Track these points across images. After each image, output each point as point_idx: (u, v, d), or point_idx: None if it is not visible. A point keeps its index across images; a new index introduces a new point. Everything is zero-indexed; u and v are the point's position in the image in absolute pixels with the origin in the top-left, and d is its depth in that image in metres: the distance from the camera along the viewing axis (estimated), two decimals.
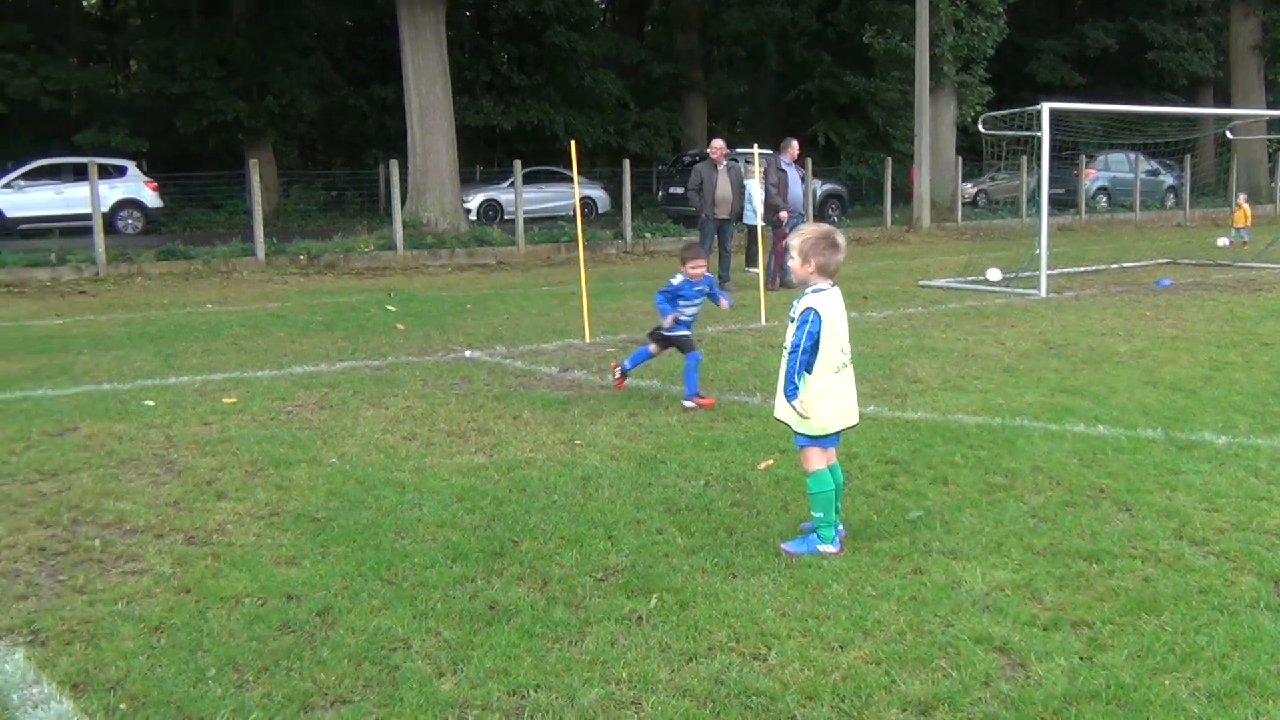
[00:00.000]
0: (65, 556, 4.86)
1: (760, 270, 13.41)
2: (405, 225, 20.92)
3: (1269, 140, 33.51)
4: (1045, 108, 14.76)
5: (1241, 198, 23.50)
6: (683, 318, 7.81)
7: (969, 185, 32.79)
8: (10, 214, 23.57)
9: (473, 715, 3.42)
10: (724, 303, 7.98)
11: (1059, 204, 27.10)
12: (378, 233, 21.42)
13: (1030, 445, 6.46)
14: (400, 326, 12.00)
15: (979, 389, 8.18)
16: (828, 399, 4.74)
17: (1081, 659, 3.74)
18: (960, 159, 30.05)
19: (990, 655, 3.77)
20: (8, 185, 24.11)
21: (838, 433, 4.87)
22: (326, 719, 3.40)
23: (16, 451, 6.64)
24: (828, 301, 4.75)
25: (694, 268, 7.63)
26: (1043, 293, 14.30)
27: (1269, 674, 3.61)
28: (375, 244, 20.41)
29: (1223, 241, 21.78)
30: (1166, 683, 3.56)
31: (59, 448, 6.72)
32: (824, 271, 4.78)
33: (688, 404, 7.65)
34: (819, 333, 4.69)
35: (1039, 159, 15.05)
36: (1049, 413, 7.31)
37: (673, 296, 7.70)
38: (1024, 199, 29.51)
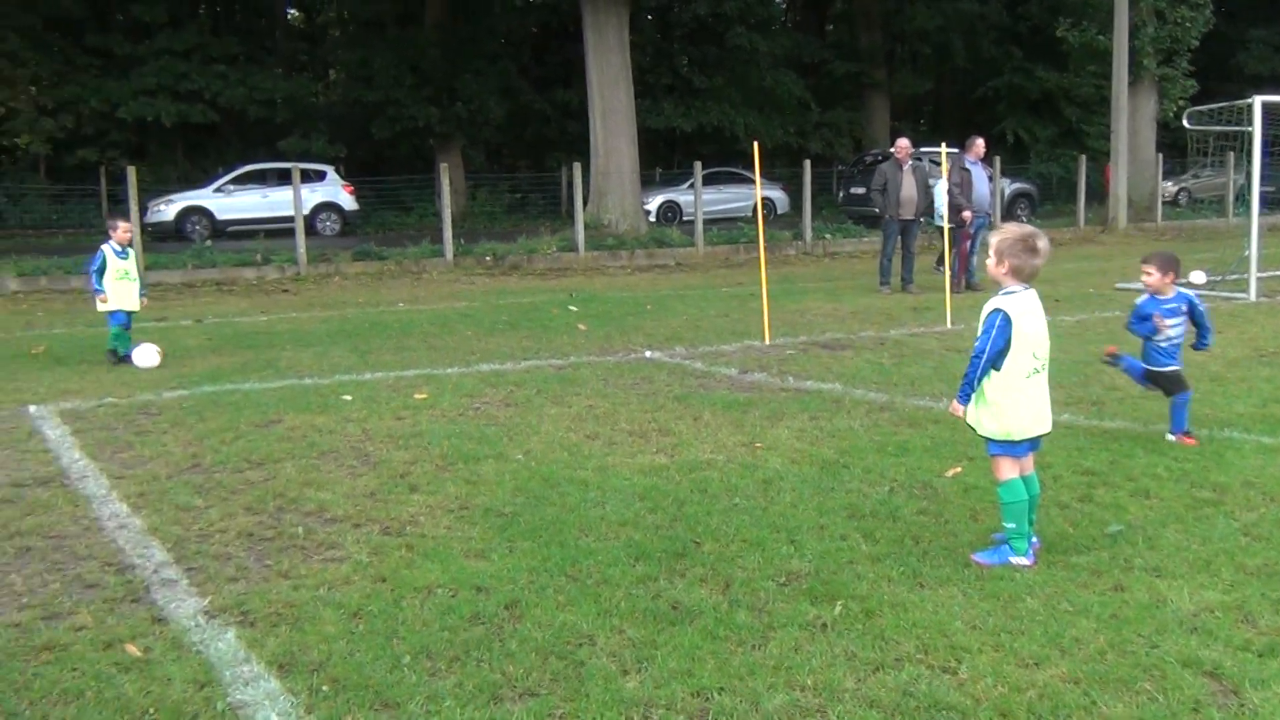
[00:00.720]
0: (271, 542, 5.12)
1: (946, 271, 13.07)
2: (587, 227, 21.26)
3: None
4: (1257, 101, 13.89)
5: None
6: (1165, 343, 6.51)
7: (1169, 183, 31.22)
8: (220, 217, 25.05)
9: (657, 715, 3.43)
10: (1207, 340, 6.66)
11: (1270, 202, 25.45)
12: (560, 234, 21.85)
13: (1241, 459, 6.08)
14: (581, 326, 12.20)
15: None
16: (1017, 404, 4.57)
17: None
18: (1160, 156, 28.60)
19: (1199, 680, 3.57)
20: (218, 190, 25.64)
21: (1034, 440, 4.69)
22: (515, 711, 3.47)
23: (227, 441, 7.03)
24: (1018, 304, 4.57)
25: (1145, 274, 6.48)
26: (1252, 296, 13.46)
27: None
28: (557, 245, 20.81)
29: None
30: None
31: (265, 438, 7.09)
32: (1018, 274, 4.60)
33: (1171, 437, 6.53)
34: (1009, 336, 4.52)
35: (1249, 155, 14.18)
36: (1262, 424, 6.88)
37: (1144, 318, 6.52)
38: (1230, 197, 27.87)
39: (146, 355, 9.99)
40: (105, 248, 10.30)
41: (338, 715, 3.45)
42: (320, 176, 26.34)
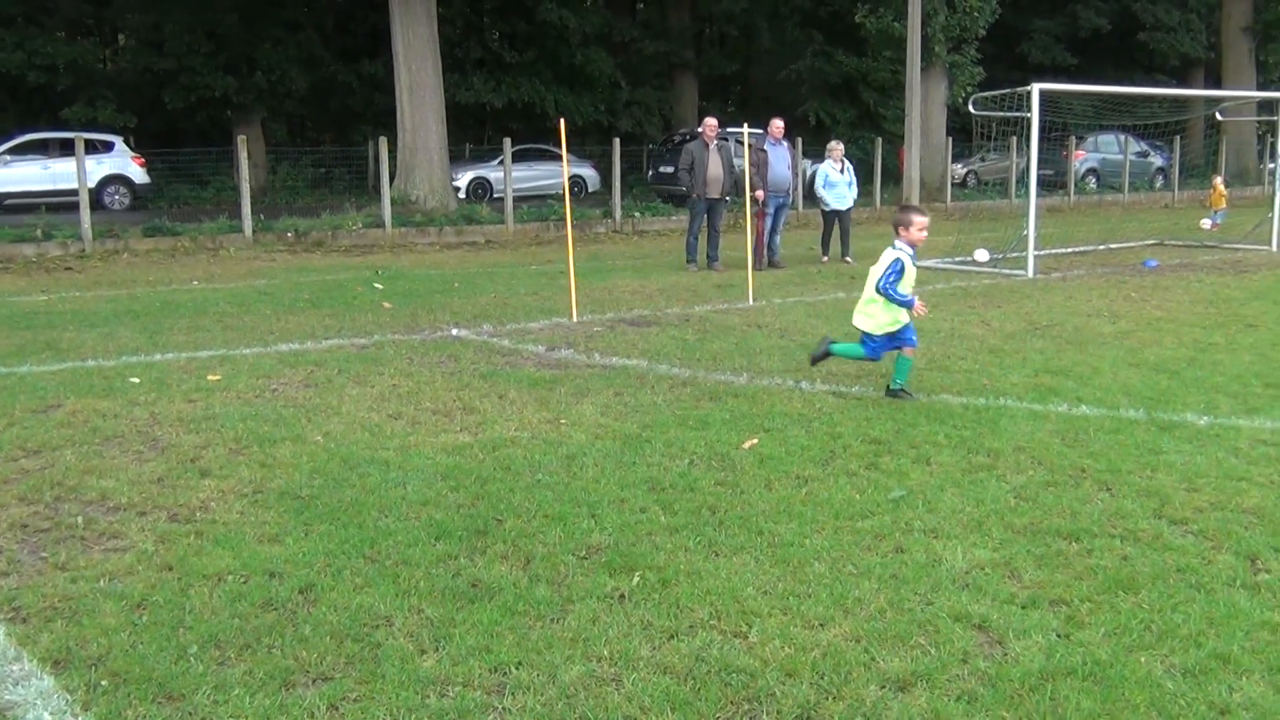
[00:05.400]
0: (47, 533, 4.85)
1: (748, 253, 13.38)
2: (394, 203, 20.83)
3: (1258, 122, 33.51)
4: (1035, 88, 14.75)
5: (1217, 180, 23.13)
6: None
7: (959, 166, 32.75)
8: None
9: (454, 692, 3.43)
10: None
11: (1048, 185, 27.07)
12: (366, 210, 21.32)
13: (1013, 425, 6.49)
14: (387, 305, 11.98)
15: (964, 369, 8.21)
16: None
17: (1059, 636, 3.77)
18: (950, 140, 29.98)
19: (969, 633, 3.80)
20: None
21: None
22: (308, 696, 3.41)
23: (0, 429, 6.62)
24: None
25: None
26: (1030, 274, 14.33)
27: (1243, 651, 3.64)
28: (363, 222, 20.34)
29: (1205, 223, 21.64)
30: (1142, 660, 3.59)
31: (43, 424, 6.70)
32: None
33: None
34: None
35: (1028, 140, 15.04)
36: (1033, 393, 7.34)
37: None
38: (1013, 180, 29.50)
39: None
40: (901, 255, 7.29)
41: (118, 710, 3.32)
42: (108, 147, 24.88)
